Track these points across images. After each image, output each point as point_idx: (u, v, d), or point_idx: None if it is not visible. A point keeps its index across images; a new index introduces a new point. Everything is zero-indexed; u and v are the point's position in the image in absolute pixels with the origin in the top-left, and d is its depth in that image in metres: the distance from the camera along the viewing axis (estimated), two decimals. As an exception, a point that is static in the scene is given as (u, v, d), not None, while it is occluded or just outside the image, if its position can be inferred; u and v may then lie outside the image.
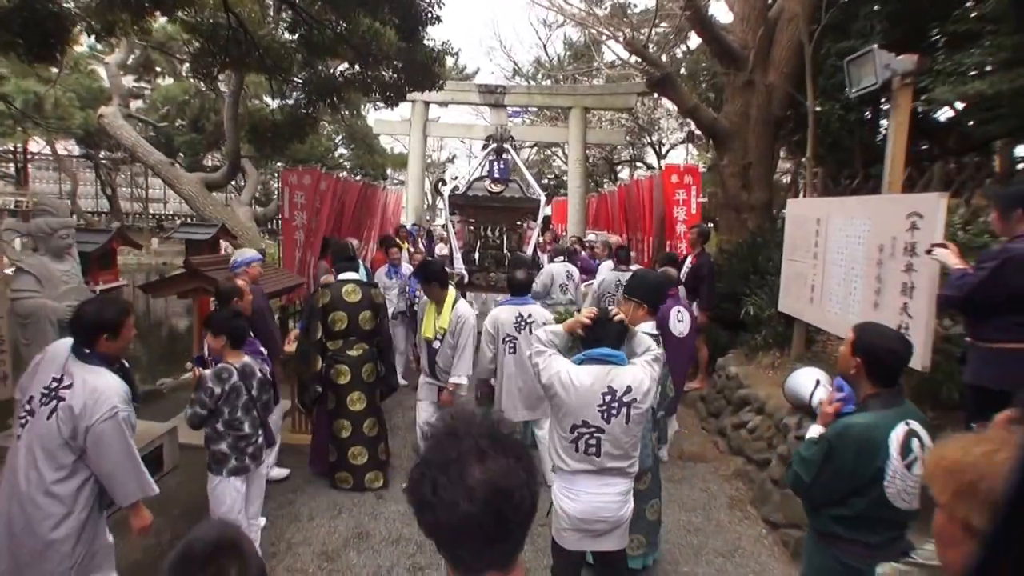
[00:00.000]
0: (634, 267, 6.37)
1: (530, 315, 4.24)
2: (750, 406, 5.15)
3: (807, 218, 4.96)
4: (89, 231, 5.04)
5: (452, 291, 4.10)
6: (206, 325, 3.15)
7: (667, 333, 4.35)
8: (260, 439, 3.21)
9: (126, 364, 2.59)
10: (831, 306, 4.51)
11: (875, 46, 4.02)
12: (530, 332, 4.13)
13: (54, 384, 2.34)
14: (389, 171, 28.48)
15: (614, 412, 2.34)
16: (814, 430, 2.25)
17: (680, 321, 4.60)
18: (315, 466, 4.59)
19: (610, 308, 2.55)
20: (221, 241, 6.48)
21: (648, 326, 2.99)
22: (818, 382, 4.08)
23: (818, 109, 7.72)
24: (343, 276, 4.36)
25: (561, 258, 7.17)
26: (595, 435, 2.37)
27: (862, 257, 4.05)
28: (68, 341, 2.45)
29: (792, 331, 5.46)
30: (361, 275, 5.47)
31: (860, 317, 4.06)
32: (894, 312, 3.62)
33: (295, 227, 7.30)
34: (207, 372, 3.03)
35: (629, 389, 2.37)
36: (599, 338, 2.43)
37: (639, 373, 2.42)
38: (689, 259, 6.67)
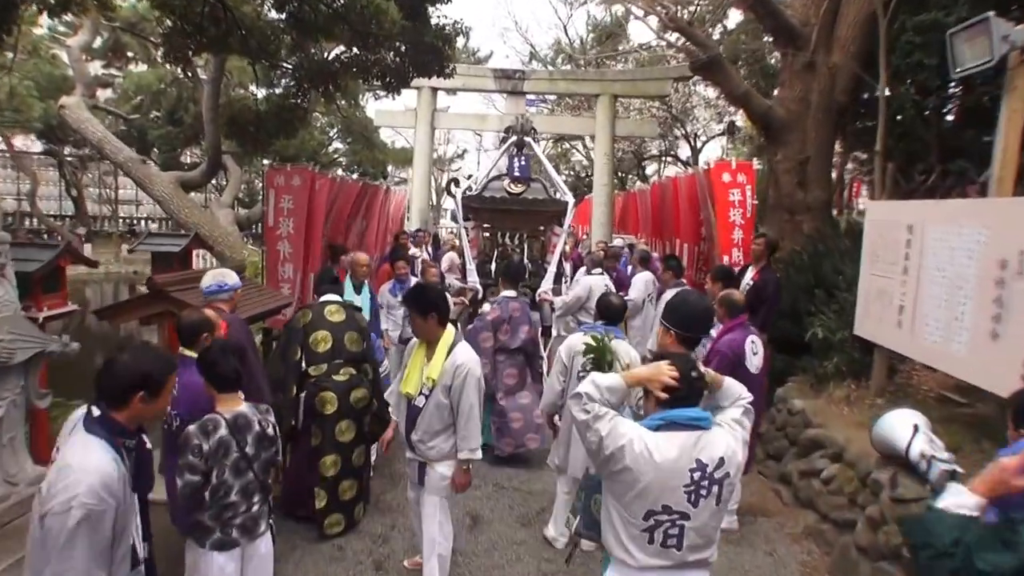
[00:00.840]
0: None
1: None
2: (823, 451, 4.90)
3: (894, 224, 4.71)
4: (32, 246, 4.80)
5: (450, 330, 3.41)
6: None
7: (740, 367, 4.19)
8: (256, 506, 2.89)
9: (146, 441, 2.30)
10: (927, 333, 4.23)
11: (991, 14, 3.70)
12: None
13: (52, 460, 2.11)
14: (390, 168, 28.53)
15: (703, 492, 2.08)
16: (957, 498, 1.88)
17: (755, 353, 4.38)
18: (286, 508, 4.49)
19: (695, 359, 2.27)
20: (196, 252, 6.26)
21: None
22: (916, 428, 3.77)
23: (887, 94, 7.48)
24: (326, 297, 4.40)
25: (599, 269, 7.09)
26: (678, 523, 2.09)
27: (974, 274, 3.75)
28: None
29: (871, 359, 5.23)
30: (365, 299, 5.39)
31: (971, 348, 3.74)
32: (1022, 344, 3.29)
33: (279, 236, 7.19)
34: (191, 427, 2.79)
35: (722, 462, 2.10)
36: (684, 396, 2.15)
37: (730, 440, 2.15)
38: (750, 273, 6.45)
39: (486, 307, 6.35)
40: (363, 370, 4.44)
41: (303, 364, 4.27)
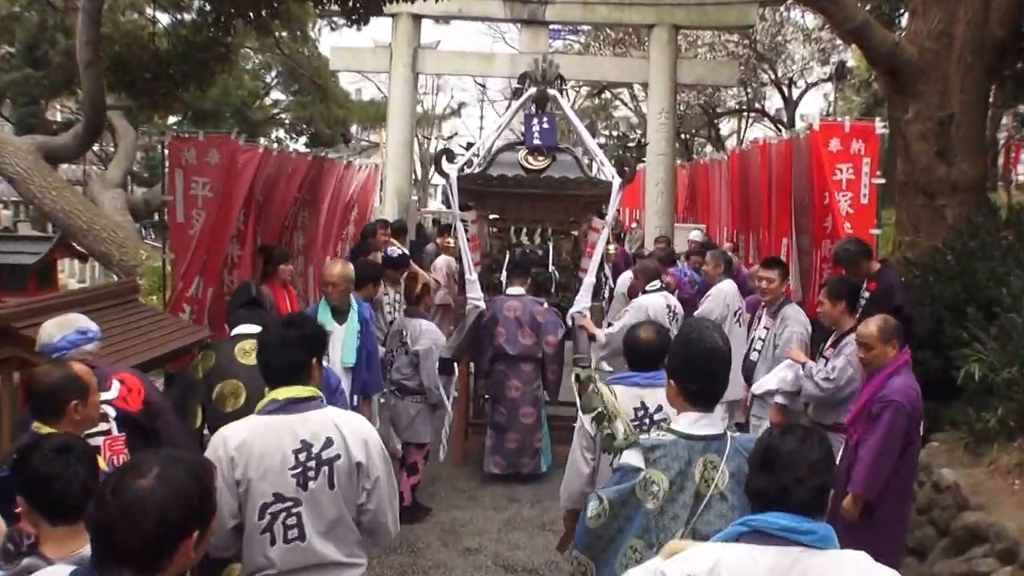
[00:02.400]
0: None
1: (660, 408, 3.89)
2: (986, 545, 4.81)
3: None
4: None
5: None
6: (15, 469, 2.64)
7: (914, 432, 4.51)
8: None
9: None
10: None
11: None
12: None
13: None
14: (355, 129, 28.38)
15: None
16: None
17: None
18: None
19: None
20: (64, 263, 6.08)
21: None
22: None
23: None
24: (240, 329, 4.40)
25: (657, 283, 7.21)
26: None
27: None
28: None
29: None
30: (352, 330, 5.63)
31: None
32: None
33: (192, 238, 7.22)
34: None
35: None
36: (773, 496, 2.21)
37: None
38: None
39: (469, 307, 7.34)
40: None
41: (204, 432, 4.21)
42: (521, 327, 6.92)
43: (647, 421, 3.95)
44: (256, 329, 4.17)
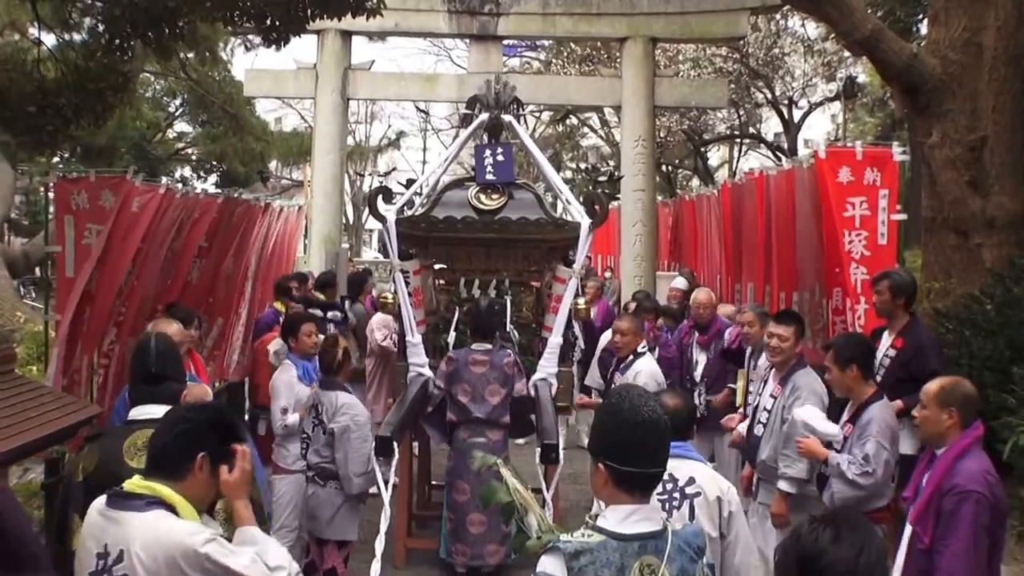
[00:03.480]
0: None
1: (692, 481, 4.04)
2: None
3: None
4: None
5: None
6: None
7: (999, 529, 4.46)
8: None
9: None
10: None
11: None
12: (691, 515, 4.04)
13: None
14: (275, 165, 28.23)
15: None
16: None
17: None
18: None
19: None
20: None
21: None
22: None
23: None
24: (138, 413, 4.25)
25: (643, 345, 7.53)
26: None
27: None
28: None
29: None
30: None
31: None
32: None
33: (86, 295, 7.23)
34: None
35: None
36: None
37: None
38: (886, 341, 6.52)
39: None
40: None
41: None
42: (489, 383, 6.98)
43: (677, 496, 4.05)
44: (156, 414, 4.10)
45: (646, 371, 7.09)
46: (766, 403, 6.14)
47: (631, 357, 7.47)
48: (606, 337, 9.12)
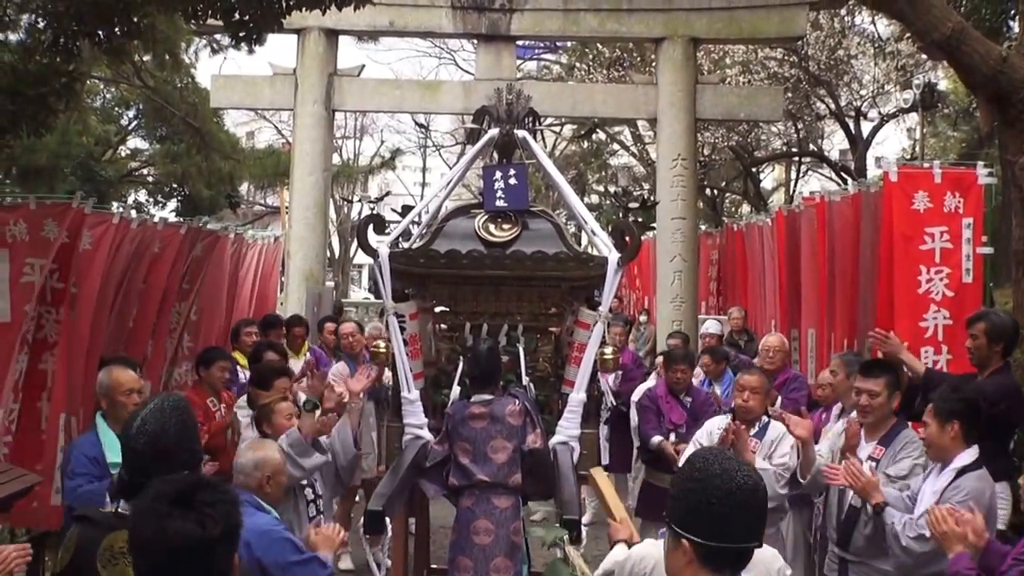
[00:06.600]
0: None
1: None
2: None
3: None
4: None
5: None
6: None
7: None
8: None
9: None
10: None
11: None
12: None
13: None
14: (246, 189, 28.17)
15: None
16: None
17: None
18: None
19: None
20: None
21: None
22: None
23: None
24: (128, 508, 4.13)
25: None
26: None
27: None
28: None
29: None
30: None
31: None
32: None
33: (29, 342, 7.43)
34: None
35: None
36: None
37: None
38: None
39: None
40: None
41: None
42: (491, 439, 6.77)
43: None
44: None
45: (790, 437, 6.69)
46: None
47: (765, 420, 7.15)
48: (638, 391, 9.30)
